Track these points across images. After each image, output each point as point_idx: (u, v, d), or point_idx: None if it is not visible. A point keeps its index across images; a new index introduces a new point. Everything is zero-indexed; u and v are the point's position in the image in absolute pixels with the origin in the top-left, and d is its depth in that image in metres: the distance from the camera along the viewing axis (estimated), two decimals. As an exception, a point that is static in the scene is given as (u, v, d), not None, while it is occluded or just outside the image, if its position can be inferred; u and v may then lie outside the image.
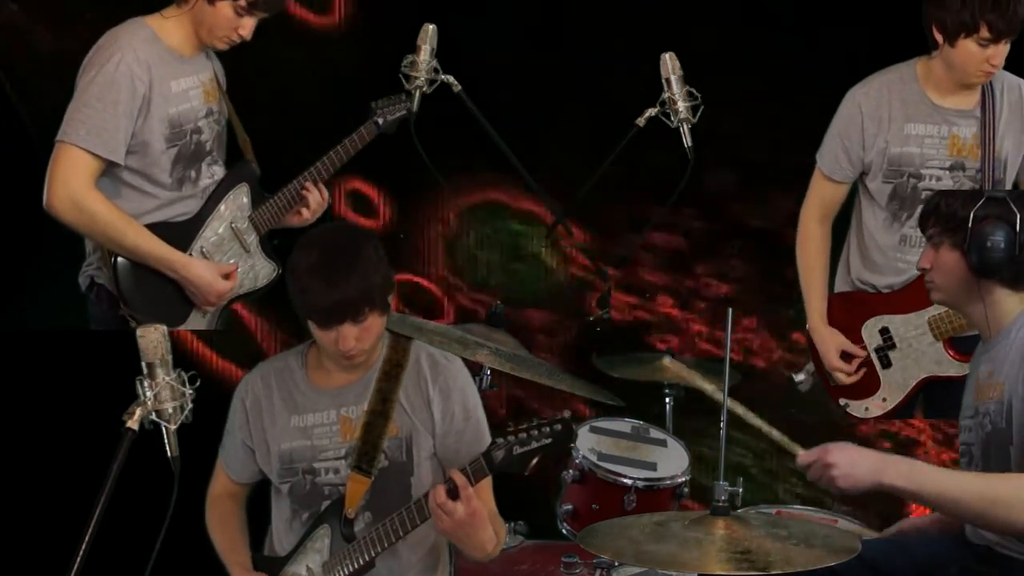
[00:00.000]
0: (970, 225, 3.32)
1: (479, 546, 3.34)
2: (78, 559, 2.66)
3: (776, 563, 2.82)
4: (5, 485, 4.73)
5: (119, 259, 3.89)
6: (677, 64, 4.16)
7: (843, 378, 4.29)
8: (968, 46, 3.94)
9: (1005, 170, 4.10)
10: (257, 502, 3.67)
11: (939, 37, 4.00)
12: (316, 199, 4.10)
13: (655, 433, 4.40)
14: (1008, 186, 4.12)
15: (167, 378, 2.77)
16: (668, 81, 4.15)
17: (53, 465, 4.73)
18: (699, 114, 4.14)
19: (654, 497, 4.08)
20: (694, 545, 2.93)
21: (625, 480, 4.07)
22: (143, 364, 2.77)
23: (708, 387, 3.51)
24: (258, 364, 3.62)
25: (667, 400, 4.56)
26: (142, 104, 3.82)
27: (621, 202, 5.23)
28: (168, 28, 3.90)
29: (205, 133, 3.99)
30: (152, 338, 2.76)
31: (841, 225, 4.38)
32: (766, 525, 3.04)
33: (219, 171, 4.07)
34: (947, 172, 4.11)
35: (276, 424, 3.51)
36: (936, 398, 4.29)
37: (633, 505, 4.02)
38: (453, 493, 3.23)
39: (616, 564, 3.84)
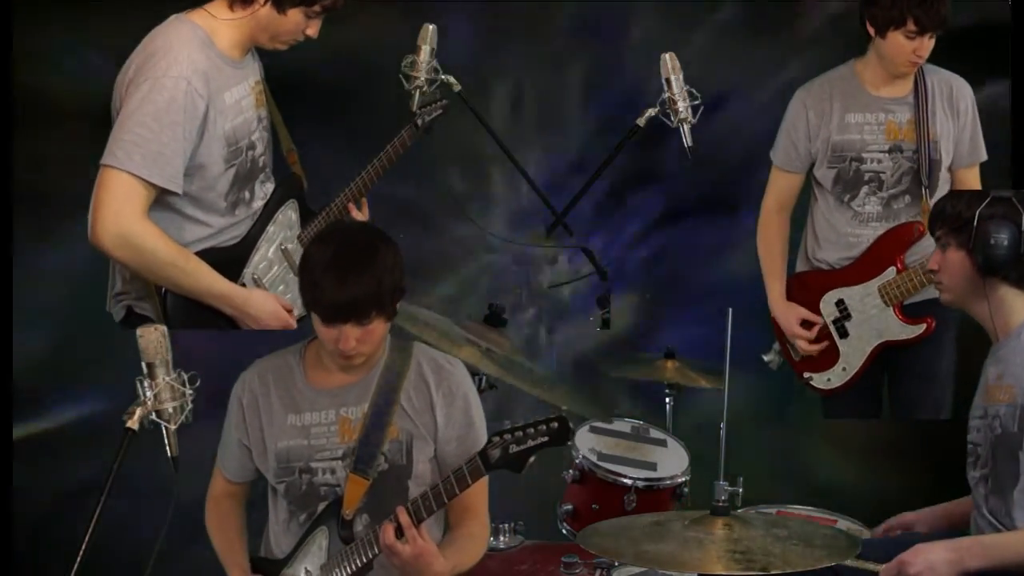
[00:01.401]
0: (975, 224, 3.35)
1: None
2: (78, 559, 2.66)
3: (776, 563, 2.82)
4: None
5: (169, 293, 3.56)
6: (677, 64, 4.16)
7: (805, 345, 4.55)
8: (897, 38, 4.27)
9: (940, 152, 4.39)
10: (255, 503, 3.67)
11: (872, 31, 4.32)
12: (365, 212, 3.94)
13: (655, 433, 4.40)
14: (943, 169, 4.38)
15: (167, 378, 2.77)
16: (668, 81, 4.15)
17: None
18: (699, 114, 4.15)
19: (654, 497, 4.07)
20: (694, 545, 2.93)
21: (625, 480, 4.07)
22: (143, 364, 2.76)
23: None
24: (255, 361, 3.58)
25: (667, 400, 4.57)
26: (201, 123, 3.47)
27: (621, 201, 5.24)
28: (219, 30, 3.56)
29: (259, 147, 3.71)
30: (152, 338, 2.76)
31: (801, 221, 4.60)
32: (766, 525, 3.04)
33: (271, 188, 3.80)
34: (886, 155, 4.41)
35: (273, 422, 3.49)
36: (893, 363, 4.50)
37: (633, 505, 4.02)
38: (399, 532, 3.23)
39: (616, 564, 3.84)
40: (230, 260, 3.68)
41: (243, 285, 3.72)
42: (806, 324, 4.54)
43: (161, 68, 3.45)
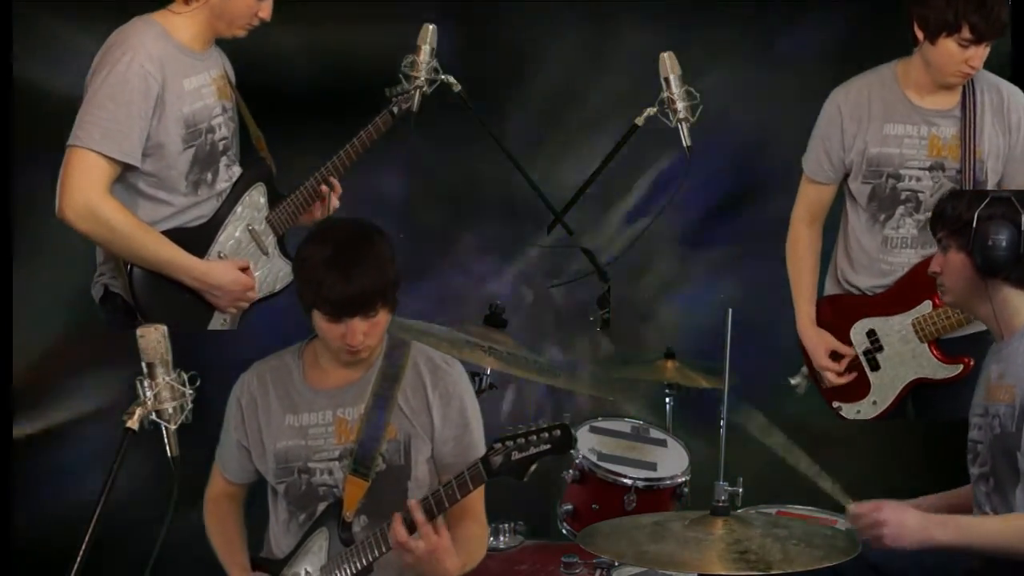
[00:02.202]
0: (974, 225, 3.34)
1: (442, 574, 3.29)
2: (78, 559, 2.66)
3: (776, 563, 2.82)
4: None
5: (134, 268, 3.78)
6: (676, 63, 4.15)
7: (832, 378, 4.31)
8: (948, 45, 3.93)
9: (986, 172, 4.07)
10: (255, 503, 3.67)
11: (920, 34, 3.98)
12: (334, 199, 4.04)
13: (655, 433, 4.40)
14: (990, 188, 4.08)
15: (167, 378, 2.77)
16: (667, 80, 4.14)
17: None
18: (698, 113, 4.14)
19: (654, 497, 4.08)
20: (694, 545, 2.93)
21: (625, 480, 4.07)
22: (143, 364, 2.76)
23: None
24: (254, 363, 3.59)
25: (667, 400, 4.57)
26: (156, 104, 3.71)
27: (620, 200, 5.24)
28: (178, 24, 3.79)
29: (220, 132, 3.90)
30: (152, 338, 2.76)
31: (833, 230, 4.40)
32: (766, 525, 3.05)
33: (237, 171, 3.98)
34: (927, 172, 4.09)
35: (272, 423, 3.49)
36: (926, 400, 4.27)
37: (633, 505, 4.03)
38: (411, 529, 3.22)
39: (616, 564, 3.84)
40: (196, 240, 3.86)
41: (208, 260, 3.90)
42: (835, 356, 4.29)
43: (116, 56, 3.71)
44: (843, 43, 4.99)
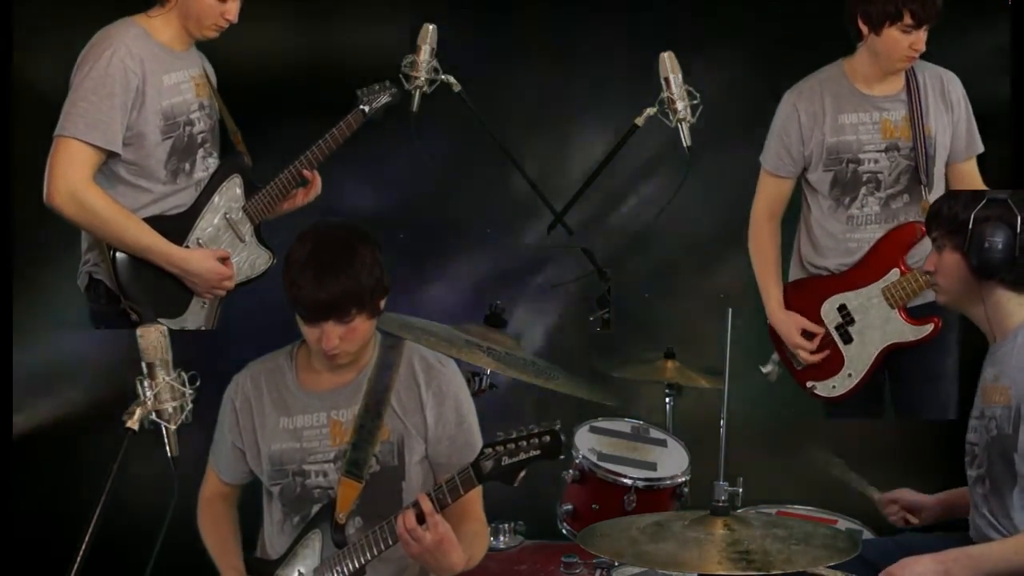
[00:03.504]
0: (970, 227, 3.34)
1: (448, 568, 3.28)
2: (78, 559, 2.66)
3: (776, 563, 2.82)
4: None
5: (117, 252, 3.93)
6: (676, 63, 4.16)
7: (806, 355, 4.45)
8: (893, 34, 4.22)
9: (936, 146, 4.34)
10: (249, 504, 3.66)
11: (864, 28, 4.28)
12: (316, 185, 4.19)
13: (655, 433, 4.40)
14: (939, 165, 4.33)
15: (167, 378, 2.77)
16: (667, 80, 4.15)
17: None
18: (698, 113, 4.14)
19: (654, 497, 4.08)
20: (694, 545, 2.93)
21: (625, 480, 4.07)
22: (143, 364, 2.77)
23: None
24: (247, 364, 3.59)
25: (667, 400, 4.56)
26: (136, 96, 3.88)
27: (620, 200, 5.24)
28: (156, 26, 3.98)
29: (198, 125, 4.05)
30: (152, 338, 2.77)
31: (790, 223, 4.53)
32: (766, 525, 3.05)
33: (214, 163, 4.13)
34: (883, 154, 4.35)
35: (266, 426, 3.49)
36: (898, 366, 4.41)
37: (633, 505, 4.03)
38: (420, 519, 3.21)
39: (616, 564, 3.84)
40: (176, 227, 4.02)
41: (187, 247, 4.05)
42: (807, 334, 4.44)
43: (99, 52, 3.90)
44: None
